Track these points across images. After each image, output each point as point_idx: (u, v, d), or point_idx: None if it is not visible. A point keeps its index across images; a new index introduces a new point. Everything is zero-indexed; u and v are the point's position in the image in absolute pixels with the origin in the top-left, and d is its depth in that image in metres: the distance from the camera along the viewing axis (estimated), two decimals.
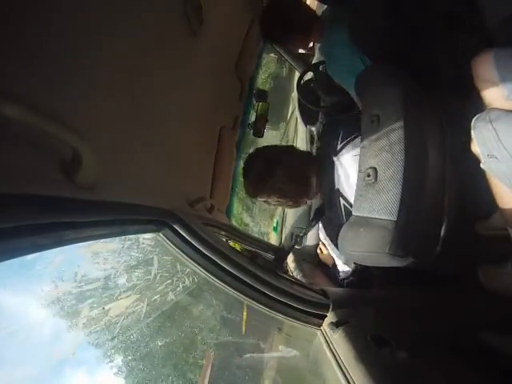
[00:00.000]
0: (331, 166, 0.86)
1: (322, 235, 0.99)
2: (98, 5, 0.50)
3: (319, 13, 1.29)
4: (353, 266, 0.98)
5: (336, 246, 0.93)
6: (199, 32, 0.91)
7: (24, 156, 0.37)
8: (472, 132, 0.72)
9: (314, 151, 1.67)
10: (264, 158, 0.94)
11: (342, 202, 0.82)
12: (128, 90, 0.63)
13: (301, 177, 0.92)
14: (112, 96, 0.58)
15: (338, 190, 0.84)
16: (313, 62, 1.79)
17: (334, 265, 1.20)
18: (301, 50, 1.80)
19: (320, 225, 0.99)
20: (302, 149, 1.08)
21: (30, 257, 0.38)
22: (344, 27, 1.04)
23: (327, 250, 1.31)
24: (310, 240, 1.53)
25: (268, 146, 1.04)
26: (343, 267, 1.03)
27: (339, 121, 0.82)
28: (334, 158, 0.86)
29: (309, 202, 1.64)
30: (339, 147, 0.85)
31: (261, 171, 0.92)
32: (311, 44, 1.31)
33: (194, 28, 0.87)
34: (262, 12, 1.22)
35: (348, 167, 0.81)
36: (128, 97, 0.63)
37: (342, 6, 1.12)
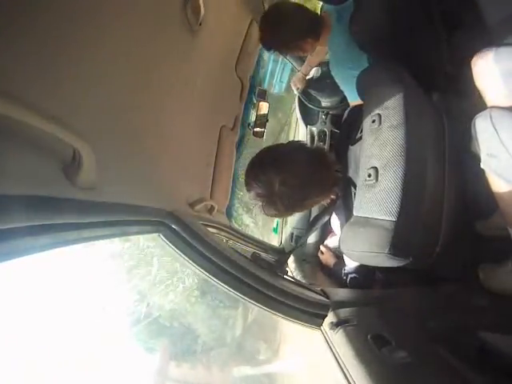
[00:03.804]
0: (346, 155, 0.86)
1: (334, 222, 0.98)
2: (98, 5, 0.50)
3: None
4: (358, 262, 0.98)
5: None
6: (199, 32, 0.91)
7: (24, 157, 0.37)
8: (472, 131, 0.72)
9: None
10: (261, 182, 0.80)
11: (353, 190, 0.82)
12: (128, 90, 0.63)
13: (313, 185, 0.82)
14: (112, 96, 0.58)
15: (350, 178, 0.84)
16: None
17: (336, 264, 1.20)
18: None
19: (333, 213, 0.96)
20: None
21: None
22: (346, 27, 1.04)
23: (330, 250, 1.31)
24: (310, 240, 1.53)
25: (263, 159, 0.85)
26: (350, 261, 1.03)
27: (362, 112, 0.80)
28: (351, 147, 0.85)
29: None
30: (358, 136, 0.84)
31: (263, 195, 0.80)
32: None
33: (193, 28, 0.87)
34: (260, 22, 1.19)
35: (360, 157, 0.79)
36: (128, 97, 0.63)
37: (344, 5, 1.11)
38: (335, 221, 0.95)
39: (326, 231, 1.39)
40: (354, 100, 1.18)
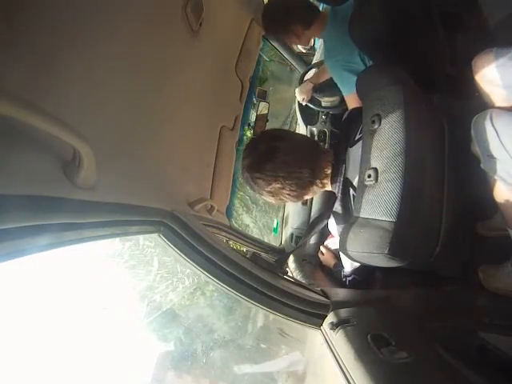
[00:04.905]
0: (345, 156, 0.85)
1: (331, 225, 0.98)
2: (98, 6, 0.50)
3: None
4: (357, 264, 0.98)
5: None
6: (199, 32, 0.91)
7: (24, 157, 0.37)
8: (472, 132, 0.72)
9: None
10: (255, 149, 0.86)
11: (352, 192, 0.81)
12: (128, 90, 0.63)
13: (305, 160, 0.85)
14: (112, 96, 0.58)
15: (349, 180, 0.84)
16: (313, 61, 1.80)
17: (336, 264, 1.20)
18: (301, 49, 1.80)
19: (332, 217, 0.96)
20: None
21: None
22: (345, 24, 1.04)
23: (330, 251, 1.31)
24: (310, 240, 1.53)
25: (271, 129, 0.96)
26: (348, 264, 1.02)
27: (361, 113, 0.80)
28: (349, 149, 0.85)
29: (310, 198, 1.64)
30: (357, 138, 0.83)
31: (263, 150, 0.84)
32: (311, 41, 1.31)
33: (194, 28, 0.87)
34: (265, 5, 1.24)
35: (359, 158, 0.79)
36: (128, 97, 0.63)
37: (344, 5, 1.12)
38: (332, 223, 0.94)
39: (326, 232, 1.39)
40: (346, 93, 1.18)
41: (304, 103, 1.61)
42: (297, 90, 1.61)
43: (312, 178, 0.86)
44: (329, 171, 0.87)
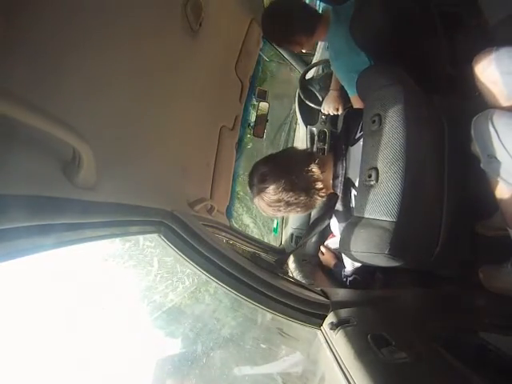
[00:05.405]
0: (345, 156, 0.86)
1: (333, 224, 0.98)
2: (98, 6, 0.50)
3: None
4: (358, 264, 0.98)
5: None
6: (199, 32, 0.91)
7: (24, 157, 0.37)
8: (472, 132, 0.72)
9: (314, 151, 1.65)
10: (256, 183, 0.91)
11: (353, 191, 0.82)
12: (128, 90, 0.63)
13: (296, 187, 0.87)
14: (112, 96, 0.58)
15: (349, 179, 0.84)
16: (313, 61, 1.80)
17: (336, 264, 1.20)
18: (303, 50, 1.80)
19: (334, 217, 0.96)
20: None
21: None
22: (343, 25, 1.04)
23: (331, 250, 1.31)
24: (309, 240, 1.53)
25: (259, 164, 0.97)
26: (349, 264, 1.02)
27: (361, 111, 0.80)
28: (350, 148, 0.85)
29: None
30: (357, 136, 0.84)
31: (256, 192, 0.91)
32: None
33: (194, 28, 0.87)
34: (263, 15, 1.21)
35: (359, 157, 0.79)
36: (128, 97, 0.63)
37: (342, 5, 1.12)
38: (334, 222, 0.94)
39: (327, 232, 1.39)
40: (352, 94, 1.17)
41: (340, 112, 1.49)
42: (324, 104, 1.50)
43: (309, 198, 0.89)
44: (320, 185, 0.88)
